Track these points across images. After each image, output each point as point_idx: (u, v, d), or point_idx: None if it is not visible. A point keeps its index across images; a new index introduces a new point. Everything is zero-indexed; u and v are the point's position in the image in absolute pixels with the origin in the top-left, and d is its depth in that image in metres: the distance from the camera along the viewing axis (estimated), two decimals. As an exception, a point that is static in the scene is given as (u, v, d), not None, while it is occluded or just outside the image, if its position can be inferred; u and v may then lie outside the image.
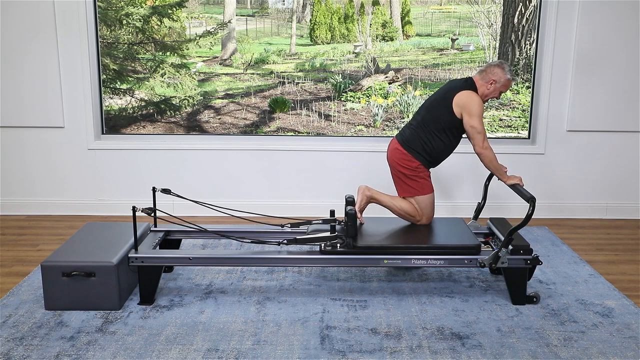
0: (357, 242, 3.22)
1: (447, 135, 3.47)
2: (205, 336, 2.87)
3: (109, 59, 4.71)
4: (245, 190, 4.85)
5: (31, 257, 3.90)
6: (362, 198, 3.51)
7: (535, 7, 4.63)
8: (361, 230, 3.41)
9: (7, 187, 4.80)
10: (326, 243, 3.22)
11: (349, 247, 3.20)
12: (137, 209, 3.10)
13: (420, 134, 3.49)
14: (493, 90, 3.47)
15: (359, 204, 3.51)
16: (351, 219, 3.17)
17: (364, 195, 3.52)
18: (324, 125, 4.86)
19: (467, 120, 3.38)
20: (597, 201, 4.88)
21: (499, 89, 3.47)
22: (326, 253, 3.21)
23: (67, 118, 4.69)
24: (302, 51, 4.81)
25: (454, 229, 3.48)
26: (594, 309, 3.20)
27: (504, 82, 3.46)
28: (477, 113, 3.36)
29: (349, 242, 3.19)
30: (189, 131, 4.84)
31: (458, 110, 3.40)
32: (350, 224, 3.17)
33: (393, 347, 2.79)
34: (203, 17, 4.74)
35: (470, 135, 3.40)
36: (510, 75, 3.46)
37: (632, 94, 4.65)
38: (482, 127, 3.37)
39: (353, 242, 3.20)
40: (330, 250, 3.21)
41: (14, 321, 3.00)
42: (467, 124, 3.38)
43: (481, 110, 3.38)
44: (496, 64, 3.48)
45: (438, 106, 3.47)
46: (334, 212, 3.48)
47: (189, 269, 3.67)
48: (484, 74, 3.48)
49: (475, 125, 3.36)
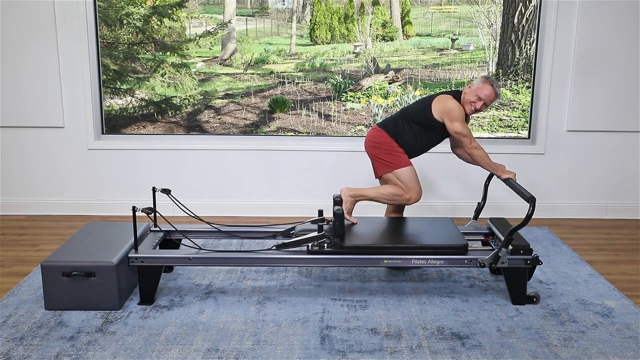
0: (345, 242, 3.22)
1: (420, 129, 3.55)
2: (205, 336, 2.87)
3: (109, 59, 4.71)
4: (245, 190, 4.85)
5: (31, 257, 3.90)
6: (346, 200, 3.53)
7: (535, 7, 4.63)
8: (351, 230, 3.42)
9: (7, 187, 4.80)
10: (314, 243, 3.22)
11: (337, 246, 3.20)
12: (137, 209, 3.10)
13: (397, 119, 3.60)
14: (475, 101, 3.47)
15: (345, 206, 3.51)
16: (338, 219, 3.18)
17: (346, 197, 3.53)
18: (324, 125, 4.86)
19: (450, 127, 3.47)
20: (597, 201, 4.88)
21: (475, 91, 3.47)
22: (313, 253, 3.22)
23: (67, 118, 4.69)
24: (302, 51, 4.81)
25: (443, 229, 3.47)
26: (594, 309, 3.20)
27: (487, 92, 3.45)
28: (457, 117, 3.44)
29: (336, 242, 3.20)
30: (189, 131, 4.84)
31: (437, 114, 3.49)
32: (337, 223, 3.18)
33: (393, 347, 2.79)
34: (203, 17, 4.74)
35: (457, 140, 3.51)
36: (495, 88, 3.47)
37: (632, 94, 4.65)
38: (466, 129, 3.45)
39: (341, 242, 3.21)
40: (317, 250, 3.21)
41: (14, 321, 3.00)
42: (451, 130, 3.47)
43: (460, 113, 3.46)
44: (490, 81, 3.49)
45: (420, 103, 3.59)
46: (322, 212, 3.49)
47: (189, 269, 3.67)
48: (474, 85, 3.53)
49: (458, 130, 3.44)
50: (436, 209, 4.84)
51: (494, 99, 3.50)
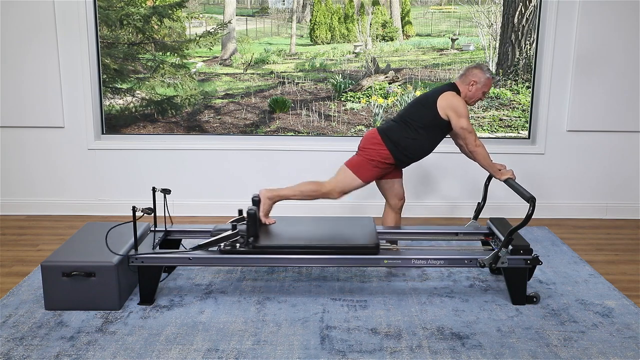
0: (258, 242, 3.22)
1: (427, 133, 3.50)
2: (205, 336, 2.88)
3: (109, 59, 4.71)
4: (245, 190, 4.85)
5: (31, 257, 3.90)
6: (264, 202, 3.50)
7: (535, 7, 4.63)
8: (267, 230, 3.41)
9: (7, 187, 4.80)
10: (226, 243, 3.22)
11: (248, 246, 3.21)
12: (137, 209, 3.10)
13: (400, 126, 3.52)
14: (475, 91, 3.53)
15: (262, 207, 3.49)
16: (251, 219, 3.18)
17: (265, 199, 3.50)
18: (324, 125, 4.86)
19: (455, 122, 3.44)
20: (597, 201, 4.88)
21: (481, 89, 3.53)
22: (225, 253, 3.21)
23: (67, 118, 4.69)
24: (302, 51, 4.81)
25: (360, 228, 3.46)
26: (594, 309, 3.20)
27: (484, 81, 3.52)
28: (464, 113, 3.43)
29: (249, 241, 3.20)
30: (189, 131, 4.84)
31: (443, 112, 3.46)
32: (250, 223, 3.18)
33: (393, 347, 2.79)
34: (203, 17, 4.74)
35: (462, 136, 3.47)
36: (490, 74, 3.53)
37: (632, 94, 4.65)
38: (471, 126, 3.45)
39: (254, 242, 3.21)
40: (229, 250, 3.21)
41: (14, 321, 3.00)
42: (457, 126, 3.44)
43: (466, 111, 3.46)
44: (474, 66, 3.57)
45: (422, 106, 3.52)
46: (242, 211, 3.49)
47: (189, 269, 3.67)
48: (463, 77, 3.56)
49: (464, 126, 3.43)
50: (436, 209, 4.85)
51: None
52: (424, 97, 3.55)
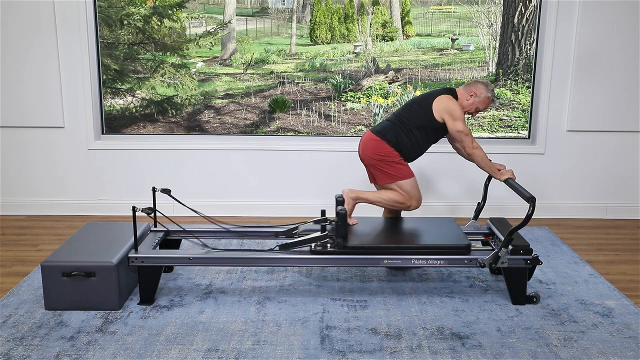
0: (348, 242, 3.23)
1: (421, 134, 3.52)
2: (205, 336, 2.88)
3: (109, 59, 4.71)
4: (246, 190, 4.85)
5: (31, 257, 3.90)
6: (348, 201, 3.52)
7: (535, 7, 4.63)
8: (353, 230, 3.42)
9: (7, 187, 4.80)
10: (317, 243, 3.23)
11: (339, 247, 3.21)
12: (137, 209, 3.10)
13: (396, 127, 3.53)
14: (471, 103, 3.54)
15: (346, 207, 3.51)
16: (341, 219, 3.18)
17: (349, 198, 3.52)
18: (324, 125, 4.86)
19: (451, 126, 3.46)
20: (597, 201, 4.88)
21: (477, 103, 3.55)
22: (316, 253, 3.22)
23: (67, 118, 4.69)
24: (302, 51, 4.81)
25: (445, 229, 3.48)
26: (594, 309, 3.20)
27: (483, 98, 3.53)
28: (459, 116, 3.45)
29: (339, 242, 3.20)
30: (189, 131, 4.84)
31: (438, 114, 3.47)
32: (340, 223, 3.18)
33: (393, 347, 2.79)
34: (203, 17, 4.74)
35: (458, 139, 3.48)
36: (491, 95, 3.55)
37: (632, 94, 4.65)
38: (467, 129, 3.46)
39: (343, 242, 3.21)
40: (320, 250, 3.22)
41: (14, 321, 3.00)
42: (453, 129, 3.46)
43: (461, 113, 3.47)
44: (482, 82, 3.58)
45: (418, 107, 3.53)
46: (325, 212, 3.49)
47: (189, 269, 3.67)
48: (467, 86, 3.58)
49: (460, 129, 3.44)
50: (436, 209, 4.84)
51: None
52: (421, 98, 3.57)
